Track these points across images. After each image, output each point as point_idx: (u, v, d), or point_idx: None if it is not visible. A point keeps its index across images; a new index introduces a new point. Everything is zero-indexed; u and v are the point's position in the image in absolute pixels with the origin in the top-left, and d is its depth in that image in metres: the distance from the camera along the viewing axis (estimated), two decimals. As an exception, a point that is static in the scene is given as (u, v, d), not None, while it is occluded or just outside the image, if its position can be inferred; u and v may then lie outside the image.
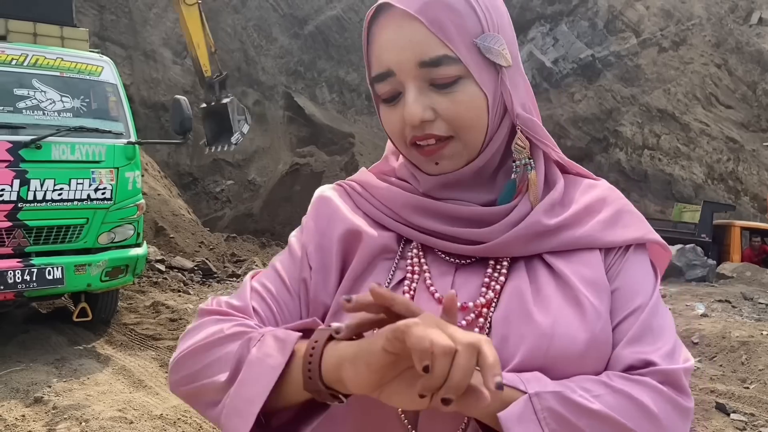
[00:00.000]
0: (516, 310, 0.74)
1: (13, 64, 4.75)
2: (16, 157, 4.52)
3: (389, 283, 0.80)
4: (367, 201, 0.87)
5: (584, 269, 0.77)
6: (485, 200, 0.82)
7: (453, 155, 0.79)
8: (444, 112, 0.76)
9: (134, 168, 5.13)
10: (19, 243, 4.59)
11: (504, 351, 0.71)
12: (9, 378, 4.40)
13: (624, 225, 0.82)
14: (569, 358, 0.71)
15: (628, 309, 0.77)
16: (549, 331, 0.71)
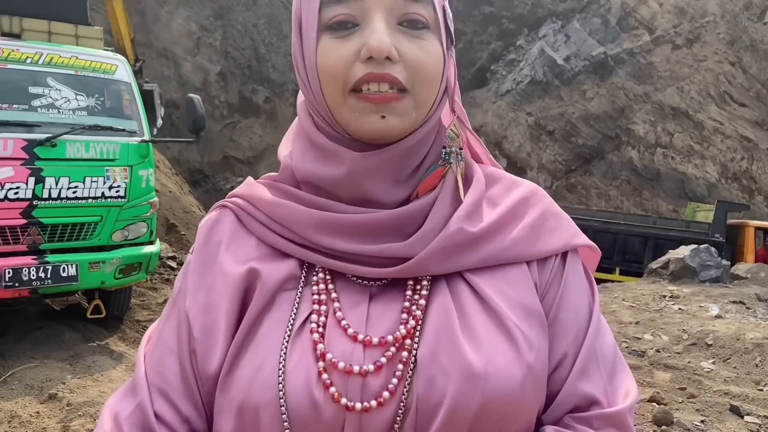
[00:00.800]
0: (444, 344, 0.64)
1: (28, 63, 4.77)
2: (31, 155, 4.55)
3: (293, 321, 0.68)
4: (259, 222, 0.74)
5: (510, 290, 0.69)
6: (402, 194, 0.72)
7: (402, 112, 0.68)
8: (410, 56, 0.66)
9: (148, 166, 5.15)
10: (34, 240, 4.62)
11: (433, 394, 0.62)
12: (23, 374, 4.44)
13: (550, 229, 0.74)
14: (506, 398, 0.63)
15: (570, 337, 0.71)
16: (482, 372, 0.63)
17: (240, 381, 0.66)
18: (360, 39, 0.66)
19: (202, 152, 20.89)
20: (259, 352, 0.66)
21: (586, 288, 0.75)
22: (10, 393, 4.16)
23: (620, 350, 2.29)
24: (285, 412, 0.63)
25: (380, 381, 0.64)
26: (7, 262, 4.45)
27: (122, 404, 0.70)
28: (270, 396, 0.64)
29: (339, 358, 0.64)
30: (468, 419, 0.62)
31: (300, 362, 0.65)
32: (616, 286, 8.90)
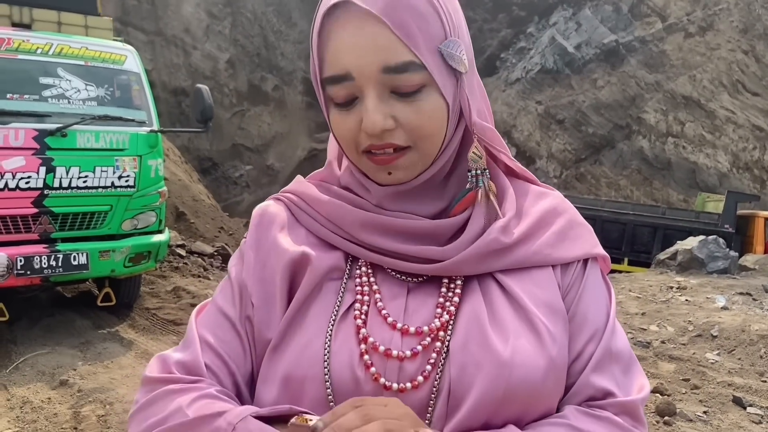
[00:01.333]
0: (474, 335, 0.71)
1: (38, 53, 4.82)
2: (42, 145, 4.61)
3: (338, 308, 0.75)
4: (310, 216, 0.81)
5: (537, 289, 0.76)
6: (436, 209, 0.79)
7: (408, 166, 0.75)
8: (405, 122, 0.71)
9: (157, 156, 5.20)
10: (45, 229, 4.69)
11: (463, 380, 0.69)
12: (35, 361, 4.53)
13: (574, 238, 0.80)
14: (530, 386, 0.69)
15: (588, 334, 0.76)
16: (509, 361, 0.69)
17: (287, 355, 0.73)
18: (360, 111, 0.72)
19: (212, 140, 20.95)
20: (306, 332, 0.73)
21: (605, 292, 0.82)
22: (22, 379, 4.25)
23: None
24: (329, 387, 0.70)
25: (415, 366, 0.71)
26: (19, 251, 4.52)
27: (171, 352, 0.77)
28: (316, 371, 0.71)
29: (379, 343, 0.71)
30: (494, 403, 0.68)
31: (344, 343, 0.72)
32: (624, 277, 8.89)
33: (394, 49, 0.69)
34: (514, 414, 0.70)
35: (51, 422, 3.59)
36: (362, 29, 0.69)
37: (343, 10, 0.70)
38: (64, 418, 3.66)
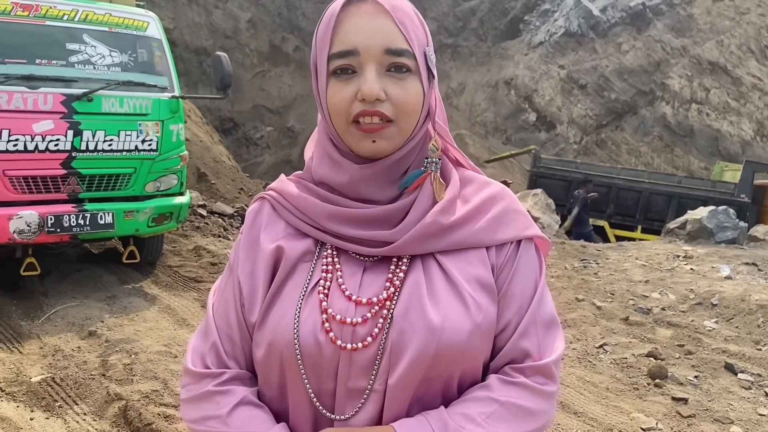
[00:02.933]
0: (413, 305, 0.88)
1: (64, 19, 5.00)
2: (69, 109, 4.83)
3: (307, 284, 0.93)
4: (288, 210, 0.99)
5: (469, 267, 0.92)
6: (393, 194, 0.95)
7: (389, 137, 0.90)
8: (394, 96, 0.88)
9: (178, 121, 5.41)
10: (74, 189, 4.95)
11: (402, 341, 0.86)
12: (65, 313, 4.85)
13: (507, 222, 0.96)
14: (456, 346, 0.87)
15: (516, 307, 0.94)
16: (439, 326, 0.86)
17: (269, 326, 0.92)
18: (357, 83, 0.88)
19: (233, 101, 21.10)
20: (282, 306, 0.92)
21: (535, 269, 0.98)
22: (53, 329, 4.57)
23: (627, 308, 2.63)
24: (298, 350, 0.89)
25: (365, 330, 0.89)
26: (49, 210, 4.79)
27: (202, 345, 0.99)
28: (288, 338, 0.89)
29: (337, 312, 0.90)
30: (427, 360, 0.86)
31: (310, 315, 0.90)
32: (632, 245, 9.02)
33: (396, 37, 0.88)
34: (446, 369, 0.89)
35: (81, 369, 3.90)
36: (373, 18, 0.88)
37: (361, 2, 0.89)
38: (93, 365, 3.96)
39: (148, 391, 3.62)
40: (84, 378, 3.78)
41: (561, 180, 12.84)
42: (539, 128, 24.91)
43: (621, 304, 5.82)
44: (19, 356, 4.13)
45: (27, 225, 4.71)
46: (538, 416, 0.92)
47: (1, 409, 3.40)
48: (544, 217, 9.21)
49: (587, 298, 5.94)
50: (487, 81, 25.63)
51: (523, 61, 25.44)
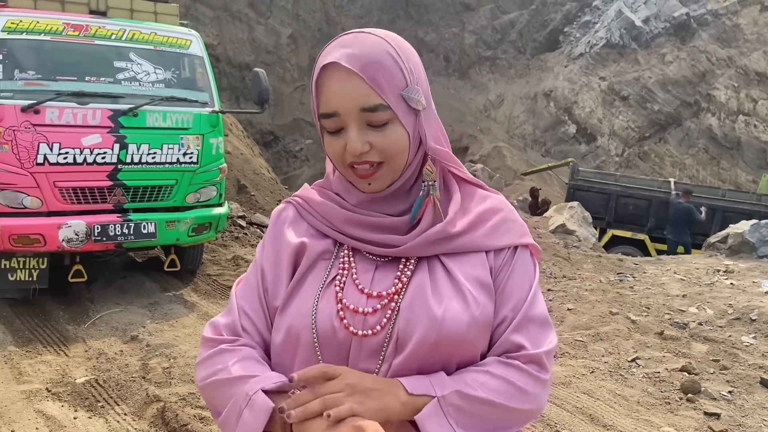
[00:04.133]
0: (418, 299, 1.00)
1: (112, 39, 5.27)
2: (116, 124, 5.08)
3: (326, 279, 1.05)
4: (310, 214, 1.11)
5: (469, 268, 1.04)
6: (400, 209, 1.07)
7: (382, 177, 1.02)
8: (378, 145, 0.99)
9: (218, 134, 5.61)
10: (119, 200, 5.18)
11: (407, 329, 0.98)
12: (110, 318, 5.06)
13: (505, 230, 1.08)
14: (455, 335, 0.98)
15: (512, 304, 1.04)
16: (440, 317, 0.98)
17: (290, 312, 1.04)
18: (345, 138, 1.00)
19: (273, 115, 21.52)
20: (303, 296, 1.04)
21: (530, 272, 1.09)
22: (98, 333, 4.79)
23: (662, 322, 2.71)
24: (315, 333, 1.01)
25: (375, 319, 1.00)
26: (95, 219, 5.03)
27: (219, 318, 1.12)
28: (306, 323, 1.01)
29: (351, 303, 1.02)
30: (429, 347, 0.98)
31: (327, 304, 1.02)
32: (671, 259, 8.87)
33: (368, 95, 0.97)
34: (445, 356, 1.00)
35: (123, 371, 4.08)
36: (346, 81, 0.98)
37: (333, 68, 0.99)
38: (134, 368, 4.14)
39: (185, 393, 3.77)
40: (125, 380, 3.96)
41: (599, 193, 12.68)
42: (579, 140, 24.64)
43: (656, 318, 5.75)
44: (65, 359, 4.34)
45: (75, 234, 4.95)
46: (531, 398, 1.01)
47: (47, 408, 3.59)
48: (580, 230, 9.14)
49: (622, 312, 5.89)
50: (526, 93, 25.50)
51: (562, 73, 25.24)
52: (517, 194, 16.05)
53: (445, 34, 25.46)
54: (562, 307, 6.05)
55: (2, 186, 4.80)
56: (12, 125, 4.75)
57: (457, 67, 25.86)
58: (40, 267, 5.07)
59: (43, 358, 4.31)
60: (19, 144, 4.78)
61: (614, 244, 12.36)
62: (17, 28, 4.93)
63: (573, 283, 6.78)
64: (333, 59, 0.99)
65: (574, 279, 7.00)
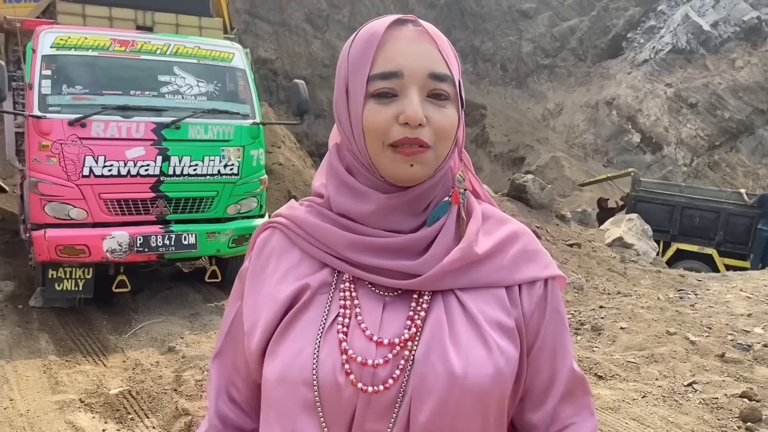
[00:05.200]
0: (435, 348, 0.83)
1: (157, 53, 5.36)
2: (159, 137, 5.15)
3: (325, 319, 0.87)
4: (303, 238, 0.93)
5: (487, 308, 0.87)
6: (416, 224, 0.90)
7: (426, 162, 0.86)
8: (434, 121, 0.85)
9: (258, 146, 5.62)
10: (161, 212, 5.25)
11: (424, 386, 0.82)
12: (150, 328, 5.11)
13: (527, 261, 0.92)
14: (480, 392, 0.83)
15: (552, 359, 0.93)
16: (462, 372, 0.82)
17: (282, 357, 0.86)
18: (399, 106, 0.85)
19: (329, 126, 21.70)
20: (298, 340, 0.86)
21: (563, 312, 0.96)
22: (138, 344, 4.83)
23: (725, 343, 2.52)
24: (317, 389, 0.84)
25: (387, 371, 0.84)
26: (138, 231, 5.11)
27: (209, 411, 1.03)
28: (306, 376, 0.84)
29: (357, 353, 0.84)
30: (452, 408, 0.82)
31: (329, 354, 0.85)
32: (737, 275, 8.33)
33: (440, 62, 0.87)
34: (469, 415, 0.84)
35: (156, 383, 4.09)
36: (417, 41, 0.87)
37: (403, 26, 0.88)
38: (167, 380, 4.14)
39: (213, 408, 3.72)
40: (157, 392, 3.96)
41: (663, 204, 12.11)
42: (644, 150, 23.78)
43: (718, 339, 5.36)
44: (103, 369, 4.39)
45: (119, 245, 5.03)
46: None
47: (78, 419, 3.61)
48: (639, 244, 8.72)
49: (680, 332, 5.52)
50: (587, 101, 24.84)
51: (625, 80, 24.46)
52: (575, 206, 15.58)
53: (502, 43, 25.12)
54: (615, 326, 5.73)
55: (50, 198, 4.93)
56: (59, 138, 4.88)
57: (514, 76, 25.46)
58: (85, 277, 5.17)
59: (81, 367, 4.37)
60: (66, 157, 4.90)
61: (679, 258, 11.77)
62: (66, 45, 5.07)
63: (628, 300, 6.43)
64: (407, 17, 0.89)
65: (629, 295, 6.64)
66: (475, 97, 21.87)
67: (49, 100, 4.96)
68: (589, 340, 5.50)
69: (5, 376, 4.12)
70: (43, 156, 4.88)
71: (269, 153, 11.86)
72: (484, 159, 20.43)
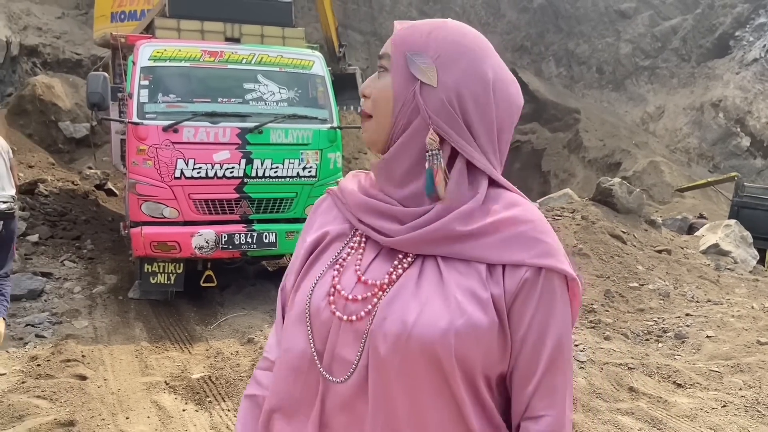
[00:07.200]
0: (398, 298, 0.95)
1: (243, 63, 5.71)
2: (243, 141, 5.48)
3: (332, 261, 1.05)
4: (340, 201, 1.11)
5: (461, 277, 0.95)
6: (406, 193, 1.02)
7: (370, 130, 1.04)
8: (369, 93, 1.04)
9: (336, 149, 5.84)
10: (245, 212, 5.57)
11: (381, 327, 0.94)
12: (233, 321, 5.43)
13: (519, 245, 0.95)
14: (426, 340, 0.91)
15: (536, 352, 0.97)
16: (412, 320, 0.93)
17: (300, 289, 1.06)
18: None
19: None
20: (311, 275, 1.06)
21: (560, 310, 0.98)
22: (220, 334, 5.15)
23: None
24: (308, 308, 1.03)
25: (357, 307, 0.99)
26: (223, 229, 5.45)
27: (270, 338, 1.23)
28: (305, 300, 1.03)
29: (343, 287, 1.01)
30: (401, 352, 0.93)
31: (323, 284, 1.03)
32: None
33: (388, 44, 1.04)
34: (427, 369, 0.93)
35: (234, 371, 4.35)
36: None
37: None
38: (244, 368, 4.39)
39: (282, 395, 3.92)
40: (234, 379, 4.22)
41: None
42: (754, 154, 22.22)
43: (815, 352, 5.00)
44: (188, 356, 4.72)
45: (206, 242, 5.39)
46: None
47: (162, 399, 3.92)
48: (737, 251, 8.20)
49: (773, 342, 5.20)
50: (691, 104, 23.55)
51: (733, 81, 23.00)
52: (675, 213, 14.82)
53: (598, 45, 24.32)
54: (701, 334, 5.48)
55: (146, 197, 5.36)
56: (155, 143, 5.31)
57: (611, 78, 24.55)
58: (176, 272, 5.57)
59: (168, 354, 4.72)
60: (160, 160, 5.32)
61: (786, 268, 10.93)
62: (162, 57, 5.51)
63: (718, 309, 6.11)
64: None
65: (720, 304, 6.30)
66: (569, 101, 21.29)
67: (147, 108, 5.40)
68: (671, 348, 5.29)
69: (102, 358, 4.53)
70: (140, 159, 5.33)
71: (355, 159, 12.19)
72: (577, 164, 19.84)
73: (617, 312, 5.96)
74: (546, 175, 18.65)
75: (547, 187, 17.58)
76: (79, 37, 14.66)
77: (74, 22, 15.23)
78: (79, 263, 6.79)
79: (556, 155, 18.98)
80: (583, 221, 7.52)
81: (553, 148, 18.90)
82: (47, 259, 6.73)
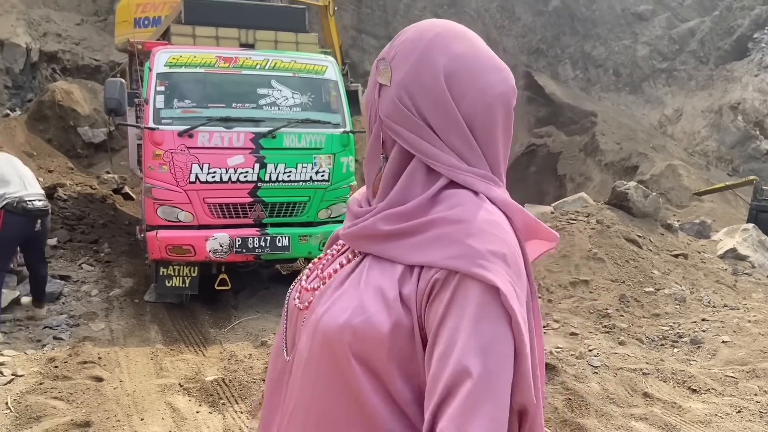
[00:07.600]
0: (325, 292, 0.98)
1: (257, 68, 5.77)
2: (256, 146, 5.53)
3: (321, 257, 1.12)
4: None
5: (379, 275, 0.93)
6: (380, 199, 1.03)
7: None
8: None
9: (348, 154, 5.88)
10: (258, 215, 5.62)
11: (308, 318, 0.99)
12: (247, 324, 5.48)
13: (439, 245, 0.88)
14: (327, 334, 0.92)
15: (442, 363, 0.83)
16: (320, 314, 0.96)
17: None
18: None
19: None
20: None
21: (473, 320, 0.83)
22: (234, 337, 5.20)
23: None
24: (286, 305, 1.11)
25: (308, 296, 1.04)
26: (237, 233, 5.50)
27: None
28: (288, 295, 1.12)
29: (305, 283, 1.08)
30: (310, 339, 0.97)
31: (297, 282, 1.11)
32: None
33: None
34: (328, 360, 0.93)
35: (247, 373, 4.39)
36: None
37: None
38: (257, 371, 4.43)
39: (294, 398, 3.95)
40: (248, 381, 4.25)
41: (788, 215, 11.16)
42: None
43: (834, 358, 4.93)
44: (202, 358, 4.77)
45: (220, 245, 5.45)
46: None
47: (176, 401, 3.97)
48: (755, 256, 8.09)
49: (790, 348, 5.14)
50: (709, 106, 23.31)
51: (752, 83, 22.73)
52: (693, 217, 14.67)
53: (615, 48, 24.16)
54: (717, 339, 5.42)
55: (162, 202, 5.43)
56: (170, 148, 5.38)
57: (627, 81, 24.37)
58: (191, 275, 5.63)
59: (183, 356, 4.77)
60: (175, 165, 5.38)
61: (807, 273, 10.76)
62: (177, 63, 5.58)
63: (734, 314, 6.04)
64: None
65: (736, 309, 6.23)
66: (585, 104, 21.17)
67: (162, 113, 5.47)
68: (687, 353, 5.24)
69: (118, 360, 4.59)
70: (156, 164, 5.40)
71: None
72: (593, 168, 19.71)
73: (632, 317, 5.92)
74: (562, 178, 18.55)
75: (563, 191, 17.48)
76: (98, 43, 14.87)
77: (93, 29, 15.45)
78: (96, 266, 6.89)
79: (573, 159, 18.87)
80: (598, 225, 7.48)
81: (570, 152, 18.80)
82: (65, 263, 6.84)
